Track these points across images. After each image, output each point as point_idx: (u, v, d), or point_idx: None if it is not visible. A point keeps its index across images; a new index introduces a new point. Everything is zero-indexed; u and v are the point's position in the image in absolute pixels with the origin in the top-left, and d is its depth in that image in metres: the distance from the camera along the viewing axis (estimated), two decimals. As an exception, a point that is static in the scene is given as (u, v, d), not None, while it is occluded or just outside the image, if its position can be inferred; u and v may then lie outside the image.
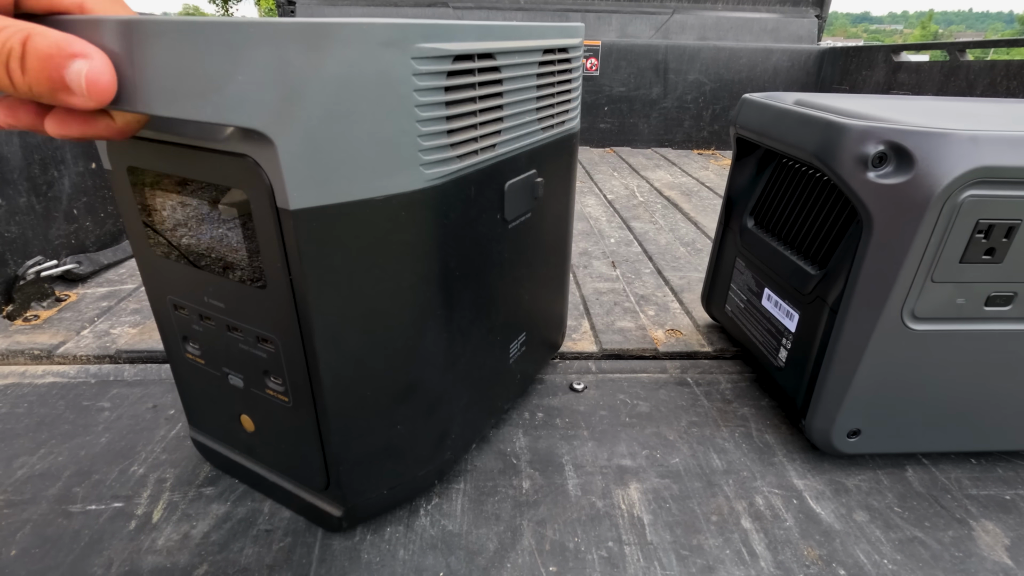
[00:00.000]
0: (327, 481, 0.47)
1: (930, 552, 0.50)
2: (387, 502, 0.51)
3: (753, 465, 0.60)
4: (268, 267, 0.38)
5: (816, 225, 0.60)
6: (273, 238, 0.37)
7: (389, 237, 0.40)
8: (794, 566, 0.48)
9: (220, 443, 0.54)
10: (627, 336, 0.84)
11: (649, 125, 2.44)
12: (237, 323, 0.43)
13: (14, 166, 0.91)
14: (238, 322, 0.43)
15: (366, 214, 0.38)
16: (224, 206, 0.38)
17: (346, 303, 0.40)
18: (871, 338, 0.52)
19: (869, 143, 0.47)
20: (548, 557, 0.48)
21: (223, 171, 0.36)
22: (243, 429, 0.50)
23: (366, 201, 0.37)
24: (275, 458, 0.50)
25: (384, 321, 0.43)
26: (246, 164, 0.34)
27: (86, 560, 0.47)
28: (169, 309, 0.47)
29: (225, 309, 0.43)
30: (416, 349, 0.45)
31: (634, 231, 1.33)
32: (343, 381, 0.42)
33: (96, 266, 1.02)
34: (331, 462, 0.46)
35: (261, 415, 0.48)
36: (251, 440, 0.51)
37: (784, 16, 2.51)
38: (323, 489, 0.48)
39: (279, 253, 0.37)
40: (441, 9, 2.42)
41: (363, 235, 0.38)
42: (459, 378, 0.51)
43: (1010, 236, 0.48)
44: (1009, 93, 1.52)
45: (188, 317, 0.46)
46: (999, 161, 0.45)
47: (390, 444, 0.48)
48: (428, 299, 0.44)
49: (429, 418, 0.50)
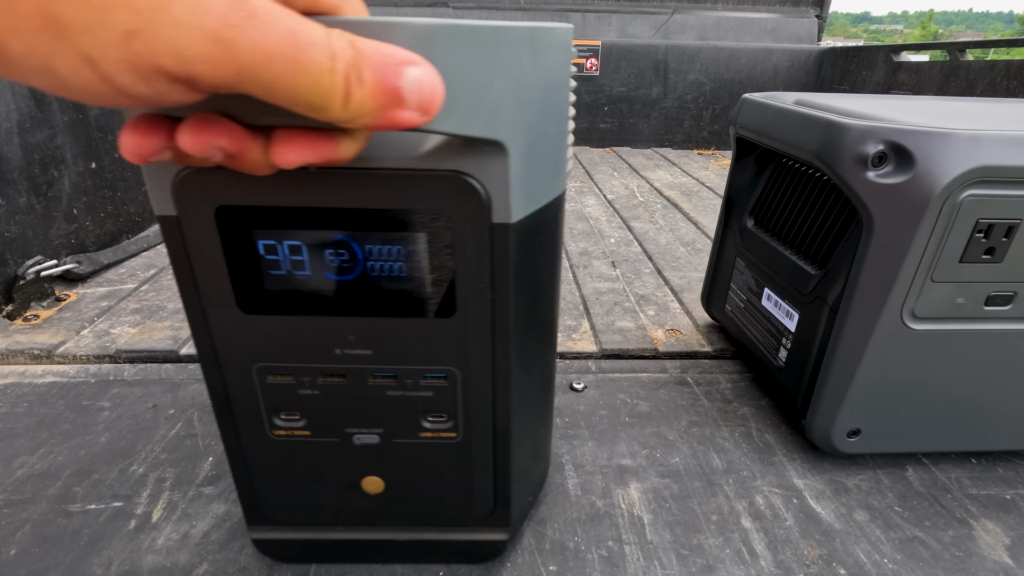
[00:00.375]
0: (494, 507, 0.44)
1: (930, 551, 0.50)
2: (528, 508, 0.49)
3: (753, 465, 0.60)
4: (464, 290, 0.34)
5: (816, 225, 0.60)
6: (483, 257, 0.33)
7: (549, 241, 0.39)
8: (794, 565, 0.48)
9: (316, 529, 0.46)
10: (627, 336, 0.84)
11: (649, 125, 2.44)
12: (393, 367, 0.38)
13: (14, 166, 0.91)
14: (395, 365, 0.38)
15: (544, 220, 0.36)
16: (408, 233, 0.33)
17: (530, 315, 0.39)
18: (871, 338, 0.52)
19: (869, 143, 0.47)
20: (548, 556, 0.48)
21: (413, 193, 0.32)
22: (363, 496, 0.44)
23: (546, 206, 0.36)
24: (414, 511, 0.45)
25: (543, 327, 0.42)
26: (456, 182, 0.31)
27: (86, 560, 0.47)
28: (254, 382, 0.39)
29: (374, 356, 0.38)
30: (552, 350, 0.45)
31: (634, 231, 1.33)
32: (523, 396, 0.41)
33: (96, 266, 1.02)
34: (501, 485, 0.43)
35: (401, 466, 0.43)
36: (374, 505, 0.44)
37: (784, 16, 2.51)
38: (487, 517, 0.45)
39: (486, 273, 0.34)
40: (441, 9, 2.42)
41: (542, 242, 0.38)
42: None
43: (1010, 236, 0.48)
44: (1009, 93, 1.52)
45: (292, 384, 0.39)
46: (999, 161, 0.45)
47: (537, 448, 0.46)
48: (554, 303, 0.45)
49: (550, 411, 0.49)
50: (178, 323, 0.85)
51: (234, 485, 0.55)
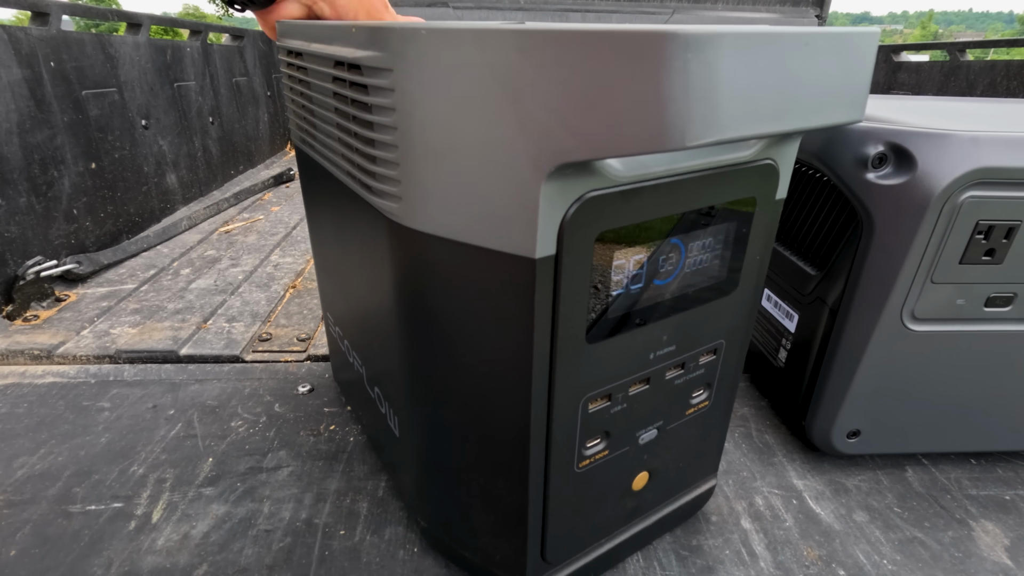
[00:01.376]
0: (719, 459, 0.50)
1: (930, 552, 0.50)
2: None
3: (753, 465, 0.60)
4: (749, 265, 0.39)
5: (816, 226, 0.60)
6: (767, 230, 0.38)
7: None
8: (794, 566, 0.48)
9: (586, 552, 0.44)
10: (627, 336, 0.83)
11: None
12: (685, 355, 0.39)
13: (14, 166, 0.91)
14: (688, 352, 0.39)
15: None
16: (722, 223, 0.36)
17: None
18: (871, 339, 0.52)
19: (869, 144, 0.47)
20: (548, 557, 0.48)
21: (738, 184, 0.35)
22: (629, 496, 0.43)
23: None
24: (663, 490, 0.46)
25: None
26: (767, 169, 0.35)
27: (86, 560, 0.47)
28: (577, 414, 0.36)
29: (676, 350, 0.38)
30: None
31: (634, 231, 1.33)
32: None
33: (96, 266, 1.02)
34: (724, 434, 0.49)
35: (667, 451, 0.43)
36: (635, 500, 0.44)
37: (784, 16, 2.51)
38: (715, 470, 0.51)
39: (763, 244, 0.39)
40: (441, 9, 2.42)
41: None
42: None
43: (1010, 237, 0.48)
44: (1009, 93, 1.52)
45: (607, 405, 0.37)
46: (999, 162, 0.45)
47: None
48: None
49: None
50: (178, 323, 0.85)
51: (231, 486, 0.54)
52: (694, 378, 0.41)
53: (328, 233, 0.53)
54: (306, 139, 0.50)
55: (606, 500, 0.42)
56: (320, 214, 0.54)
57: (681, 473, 0.47)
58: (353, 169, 0.38)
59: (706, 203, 0.34)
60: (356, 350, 0.55)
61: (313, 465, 0.58)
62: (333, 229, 0.50)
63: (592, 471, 0.39)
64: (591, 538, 0.43)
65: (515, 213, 0.29)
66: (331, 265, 0.56)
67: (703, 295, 0.38)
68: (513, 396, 0.34)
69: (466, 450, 0.40)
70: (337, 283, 0.55)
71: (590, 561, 0.44)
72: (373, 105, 0.32)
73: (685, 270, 0.36)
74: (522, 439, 0.35)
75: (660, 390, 0.39)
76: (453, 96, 0.28)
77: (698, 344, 0.40)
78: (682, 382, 0.41)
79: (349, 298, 0.52)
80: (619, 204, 0.30)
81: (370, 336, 0.48)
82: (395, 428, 0.47)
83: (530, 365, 0.32)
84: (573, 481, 0.38)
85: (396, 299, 0.38)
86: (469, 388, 0.37)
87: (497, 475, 0.39)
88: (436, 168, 0.30)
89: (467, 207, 0.30)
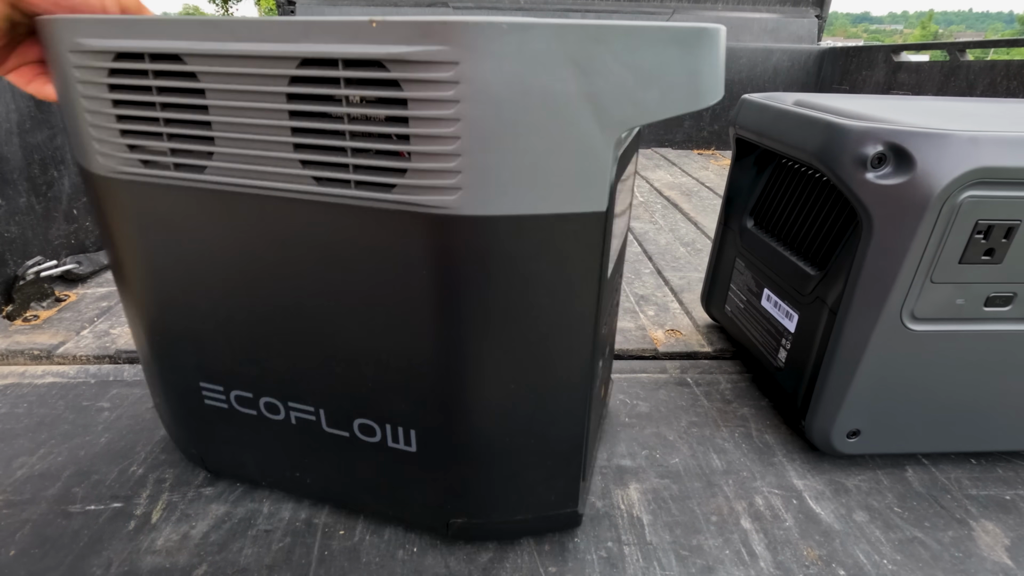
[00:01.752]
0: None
1: (930, 552, 0.50)
2: None
3: (753, 465, 0.60)
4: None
5: (816, 226, 0.60)
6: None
7: None
8: (794, 566, 0.48)
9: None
10: (627, 336, 0.84)
11: (649, 125, 2.44)
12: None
13: (14, 166, 0.91)
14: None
15: None
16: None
17: None
18: (870, 339, 0.52)
19: (868, 144, 0.47)
20: (548, 557, 0.48)
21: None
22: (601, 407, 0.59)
23: None
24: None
25: None
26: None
27: (85, 560, 0.47)
28: (597, 343, 0.44)
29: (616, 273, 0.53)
30: None
31: (634, 231, 1.33)
32: None
33: (96, 266, 1.02)
34: None
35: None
36: (602, 408, 0.60)
37: (784, 16, 2.51)
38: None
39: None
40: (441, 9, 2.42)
41: None
42: None
43: (1009, 237, 0.48)
44: (1009, 93, 1.52)
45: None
46: (999, 162, 0.45)
47: None
48: None
49: None
50: (178, 323, 0.85)
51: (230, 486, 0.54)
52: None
53: (229, 274, 0.43)
54: (179, 162, 0.39)
55: (593, 419, 0.50)
56: (202, 255, 0.43)
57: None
58: (357, 175, 0.36)
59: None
60: (304, 396, 0.46)
61: (313, 465, 0.58)
62: (249, 266, 0.42)
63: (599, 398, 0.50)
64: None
65: (587, 176, 0.35)
66: (237, 313, 0.44)
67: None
68: (579, 342, 0.41)
69: (526, 413, 0.43)
70: (259, 329, 0.44)
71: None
72: (419, 100, 0.32)
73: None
74: (585, 378, 0.42)
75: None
76: (527, 82, 0.31)
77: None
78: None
79: (299, 336, 0.44)
80: (626, 160, 0.42)
81: (362, 363, 0.43)
82: (407, 444, 0.46)
83: (598, 310, 0.40)
84: (597, 408, 0.48)
85: (441, 295, 0.38)
86: (529, 353, 0.40)
87: (556, 422, 0.44)
88: (504, 150, 0.33)
89: (535, 181, 0.34)
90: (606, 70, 0.32)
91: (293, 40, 0.34)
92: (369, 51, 0.32)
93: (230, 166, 0.38)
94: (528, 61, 0.31)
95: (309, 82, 0.34)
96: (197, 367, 0.48)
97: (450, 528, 0.49)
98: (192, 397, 0.50)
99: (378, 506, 0.51)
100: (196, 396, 0.50)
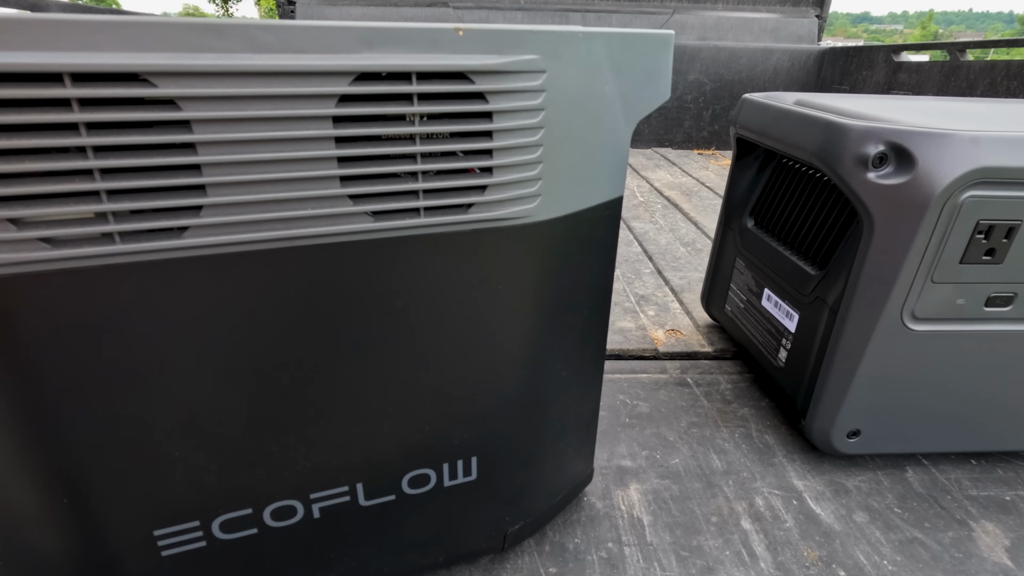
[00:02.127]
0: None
1: (930, 553, 0.50)
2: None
3: (753, 466, 0.60)
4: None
5: (816, 225, 0.60)
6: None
7: None
8: (794, 567, 0.48)
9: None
10: (627, 336, 0.84)
11: (649, 125, 2.44)
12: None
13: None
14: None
15: None
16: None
17: None
18: (871, 339, 0.52)
19: (869, 143, 0.47)
20: (548, 558, 0.48)
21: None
22: None
23: None
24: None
25: None
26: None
27: (85, 561, 0.46)
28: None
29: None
30: None
31: (634, 231, 1.33)
32: None
33: None
34: None
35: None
36: None
37: (784, 16, 2.51)
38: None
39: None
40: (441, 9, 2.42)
41: None
42: None
43: (1010, 237, 0.48)
44: (1009, 93, 1.52)
45: None
46: (999, 162, 0.45)
47: None
48: None
49: None
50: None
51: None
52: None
53: (216, 364, 0.32)
54: (133, 229, 0.27)
55: None
56: (158, 351, 0.30)
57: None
58: (427, 200, 0.32)
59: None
60: (336, 478, 0.38)
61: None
62: (248, 343, 0.32)
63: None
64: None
65: (617, 166, 0.39)
66: (230, 413, 0.34)
67: None
68: (602, 309, 0.44)
69: (571, 394, 0.46)
70: (266, 423, 0.35)
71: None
72: (506, 111, 0.31)
73: None
74: (603, 341, 0.46)
75: None
76: (589, 86, 0.34)
77: None
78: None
79: (332, 407, 0.36)
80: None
81: (418, 407, 0.38)
82: (467, 476, 0.42)
83: (612, 275, 0.44)
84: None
85: (516, 303, 0.37)
86: (578, 336, 0.43)
87: (586, 393, 0.47)
88: (572, 151, 0.35)
89: (591, 176, 0.38)
90: (629, 71, 0.36)
91: (346, 51, 0.27)
92: (452, 63, 0.29)
93: (234, 220, 0.28)
94: (591, 67, 0.34)
95: (366, 102, 0.29)
96: (149, 513, 0.35)
97: (507, 540, 0.46)
98: (136, 558, 0.36)
99: (425, 560, 0.45)
100: (144, 553, 0.36)
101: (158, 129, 0.26)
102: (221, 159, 0.27)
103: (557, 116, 0.33)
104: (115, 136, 0.26)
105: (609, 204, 0.40)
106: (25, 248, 0.26)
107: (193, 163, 0.27)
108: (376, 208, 0.31)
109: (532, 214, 0.35)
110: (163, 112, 0.26)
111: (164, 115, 0.26)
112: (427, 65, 0.29)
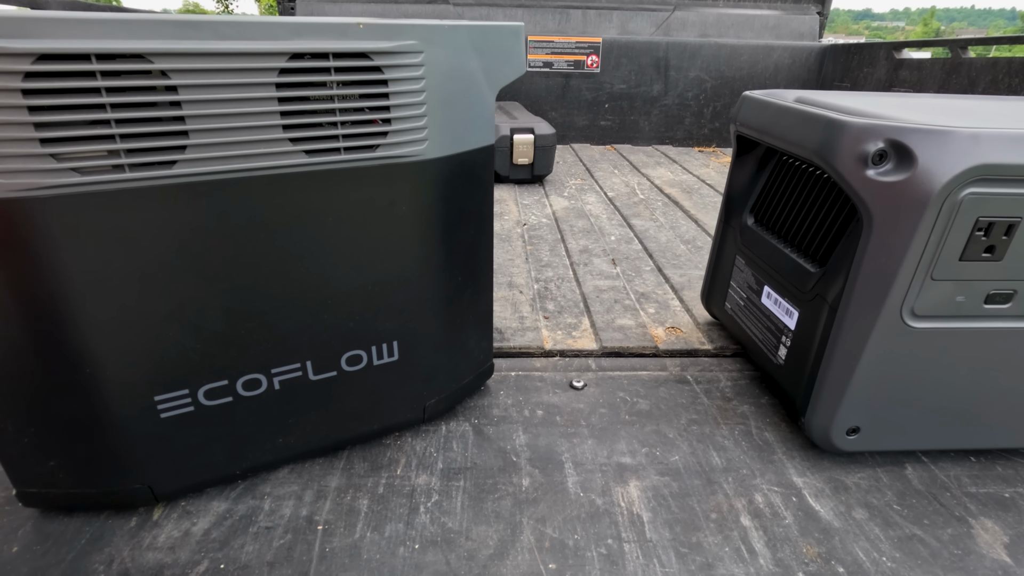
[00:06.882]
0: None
1: (929, 550, 0.50)
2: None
3: (752, 463, 0.60)
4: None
5: (816, 223, 0.60)
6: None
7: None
8: (793, 564, 0.48)
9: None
10: (627, 334, 0.84)
11: (650, 122, 2.43)
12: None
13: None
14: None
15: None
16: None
17: None
18: (870, 336, 0.52)
19: (869, 141, 0.47)
20: (548, 554, 0.48)
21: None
22: None
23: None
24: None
25: None
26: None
27: (87, 557, 0.47)
28: None
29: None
30: None
31: (634, 228, 1.33)
32: None
33: None
34: None
35: None
36: None
37: (785, 13, 2.50)
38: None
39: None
40: (442, 7, 2.41)
41: None
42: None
43: (1010, 234, 0.48)
44: (1011, 90, 1.51)
45: None
46: (1000, 159, 0.45)
47: None
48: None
49: None
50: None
51: (232, 484, 0.54)
52: None
53: (199, 266, 0.44)
54: (138, 162, 0.39)
55: None
56: (161, 255, 0.43)
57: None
58: (346, 143, 0.45)
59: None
60: (290, 356, 0.50)
61: (313, 462, 0.58)
62: (224, 251, 0.44)
63: None
64: None
65: (485, 121, 0.52)
66: (210, 304, 0.45)
67: None
68: (485, 230, 0.59)
69: (468, 294, 0.60)
70: (238, 312, 0.47)
71: None
72: (397, 79, 0.45)
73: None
74: (490, 256, 0.61)
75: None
76: (458, 63, 0.48)
77: None
78: None
79: (286, 300, 0.48)
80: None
81: (352, 300, 0.51)
82: (391, 356, 0.56)
83: (492, 205, 0.58)
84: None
85: (418, 219, 0.51)
86: (468, 246, 0.57)
87: (479, 296, 0.62)
88: (448, 109, 0.49)
89: (465, 127, 0.51)
90: (488, 53, 0.49)
91: (283, 38, 0.40)
92: (357, 47, 0.42)
93: (209, 155, 0.41)
94: (458, 49, 0.48)
95: (299, 73, 0.41)
96: (151, 382, 0.46)
97: (427, 411, 0.60)
98: (142, 419, 0.47)
99: (363, 428, 0.58)
100: (148, 415, 0.47)
101: (154, 91, 0.38)
102: (199, 112, 0.39)
103: (434, 83, 0.47)
104: (126, 97, 0.37)
105: (482, 150, 0.53)
106: (61, 175, 0.37)
107: (179, 115, 0.39)
108: (309, 148, 0.44)
109: (422, 153, 0.48)
110: (158, 80, 0.38)
111: (158, 82, 0.38)
112: (339, 48, 0.42)
